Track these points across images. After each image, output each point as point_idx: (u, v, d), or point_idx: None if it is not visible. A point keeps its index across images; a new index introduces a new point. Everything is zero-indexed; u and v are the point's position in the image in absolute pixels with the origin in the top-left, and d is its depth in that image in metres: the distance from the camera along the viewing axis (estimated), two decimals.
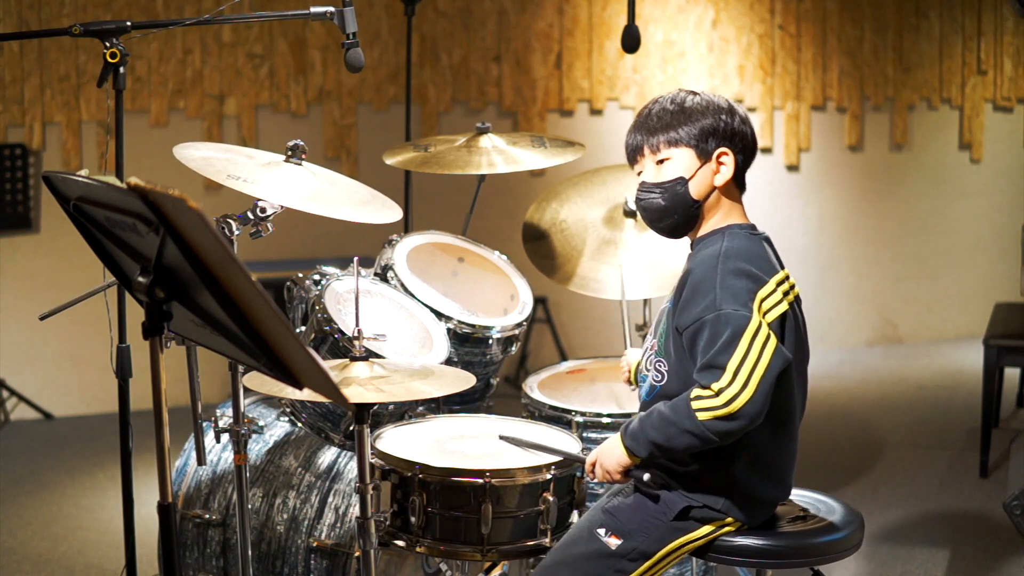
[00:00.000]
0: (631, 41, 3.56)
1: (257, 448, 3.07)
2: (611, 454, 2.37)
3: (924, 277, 7.38)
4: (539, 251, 3.52)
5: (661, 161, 2.40)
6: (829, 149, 7.12)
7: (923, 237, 7.36)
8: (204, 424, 2.76)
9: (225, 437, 2.80)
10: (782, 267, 2.37)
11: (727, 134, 2.37)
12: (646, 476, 2.35)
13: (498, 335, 3.14)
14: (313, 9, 2.94)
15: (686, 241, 2.48)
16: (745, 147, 2.40)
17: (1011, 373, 5.59)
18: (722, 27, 6.77)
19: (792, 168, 7.04)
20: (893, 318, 7.34)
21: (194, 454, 3.11)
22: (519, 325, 3.20)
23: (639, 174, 2.44)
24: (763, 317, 2.24)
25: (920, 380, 6.43)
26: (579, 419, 3.03)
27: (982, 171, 7.40)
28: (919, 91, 7.21)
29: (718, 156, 2.38)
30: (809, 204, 7.11)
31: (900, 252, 7.33)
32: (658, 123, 2.39)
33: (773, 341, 2.22)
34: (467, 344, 3.12)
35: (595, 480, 2.43)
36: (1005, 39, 7.29)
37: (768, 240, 2.42)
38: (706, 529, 2.36)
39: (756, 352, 2.20)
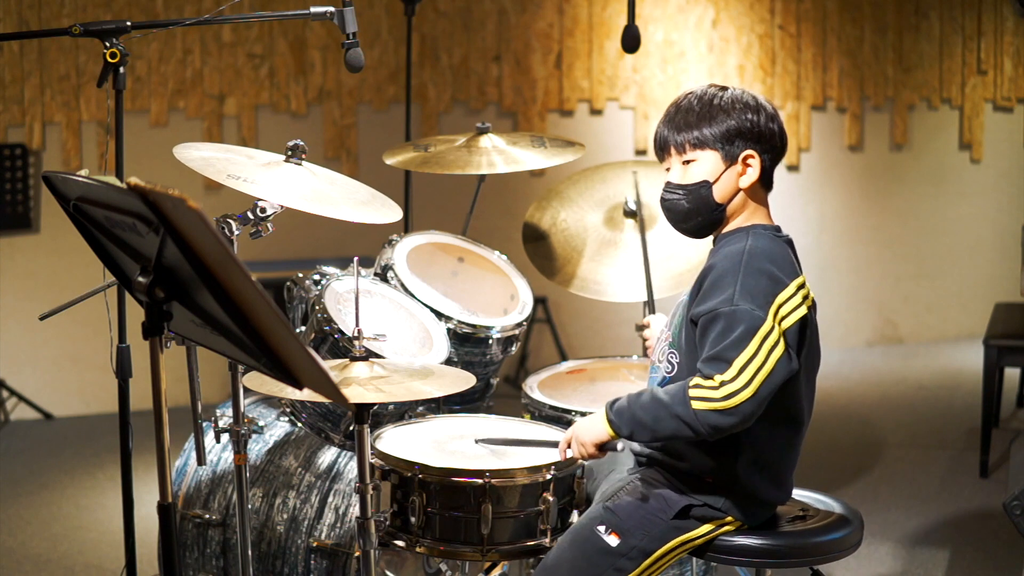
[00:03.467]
0: (631, 41, 3.56)
1: (257, 448, 3.07)
2: (590, 428, 2.37)
3: (924, 277, 7.38)
4: (539, 252, 3.52)
5: (687, 162, 2.39)
6: (829, 149, 7.12)
7: (923, 237, 7.36)
8: (204, 424, 2.76)
9: (225, 437, 2.80)
10: (801, 272, 2.36)
11: (753, 135, 2.36)
12: (619, 445, 2.35)
13: (498, 335, 3.14)
14: (313, 9, 2.94)
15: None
16: (772, 147, 2.38)
17: (1011, 373, 5.59)
18: (722, 27, 6.77)
19: (792, 168, 7.04)
20: (893, 318, 7.34)
21: (194, 454, 3.11)
22: (519, 325, 3.20)
23: (667, 170, 2.43)
24: (778, 323, 2.23)
25: (920, 380, 6.43)
26: (579, 419, 3.02)
27: (982, 171, 7.40)
28: (919, 91, 7.21)
29: (744, 158, 2.36)
30: (809, 204, 7.11)
31: (900, 252, 7.33)
32: (684, 121, 2.38)
33: (781, 348, 2.22)
34: (467, 344, 3.12)
35: (570, 455, 2.43)
36: (1005, 39, 7.29)
37: (790, 243, 2.41)
38: (706, 528, 2.36)
39: (764, 354, 2.20)
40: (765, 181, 2.41)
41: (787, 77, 6.94)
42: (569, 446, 2.43)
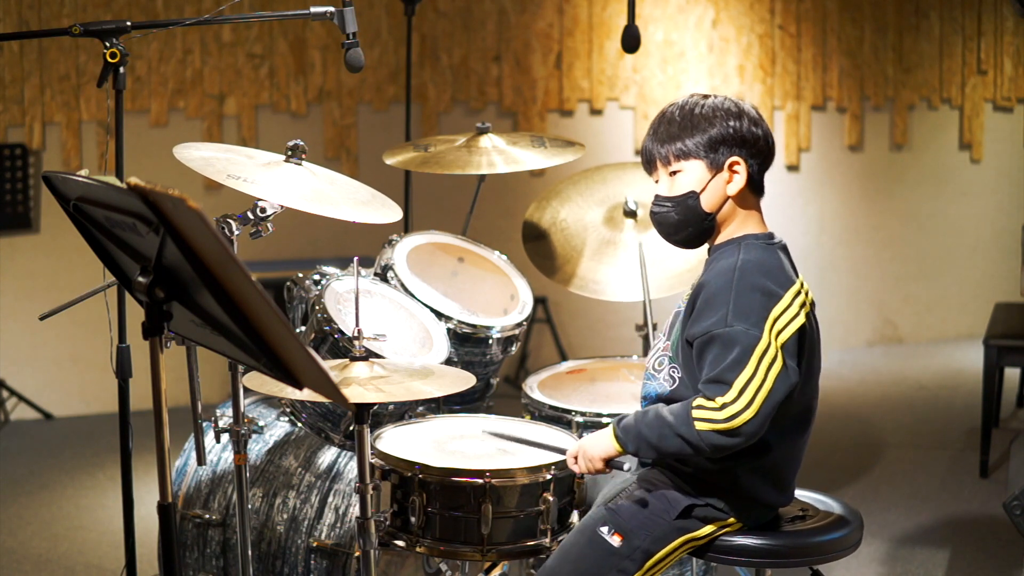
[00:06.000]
0: (631, 41, 3.56)
1: (257, 448, 3.07)
2: (597, 443, 2.38)
3: (924, 277, 7.38)
4: (539, 251, 3.52)
5: (674, 173, 2.38)
6: (829, 149, 7.12)
7: (923, 237, 7.36)
8: (204, 424, 2.76)
9: (225, 437, 2.80)
10: (797, 275, 2.36)
11: (737, 141, 2.34)
12: (626, 465, 2.36)
13: (498, 335, 3.14)
14: (313, 9, 2.94)
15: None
16: (758, 152, 2.37)
17: (1011, 373, 5.59)
18: (722, 27, 6.77)
19: (792, 168, 7.04)
20: (893, 318, 7.34)
21: (194, 454, 3.11)
22: (519, 325, 3.20)
23: (656, 183, 2.43)
24: (775, 337, 2.23)
25: (920, 380, 6.43)
26: (579, 419, 3.03)
27: (982, 171, 7.40)
28: (919, 91, 7.21)
29: (730, 165, 2.35)
30: (809, 204, 7.11)
31: (900, 252, 7.33)
32: (667, 133, 2.38)
33: (779, 364, 2.22)
34: (467, 344, 3.12)
35: (577, 471, 2.43)
36: (1005, 39, 7.29)
37: (784, 248, 2.40)
38: (708, 528, 2.37)
39: (763, 373, 2.20)
40: (754, 187, 2.40)
41: (787, 77, 6.94)
42: (577, 460, 2.43)
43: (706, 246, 2.45)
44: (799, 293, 2.31)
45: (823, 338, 2.44)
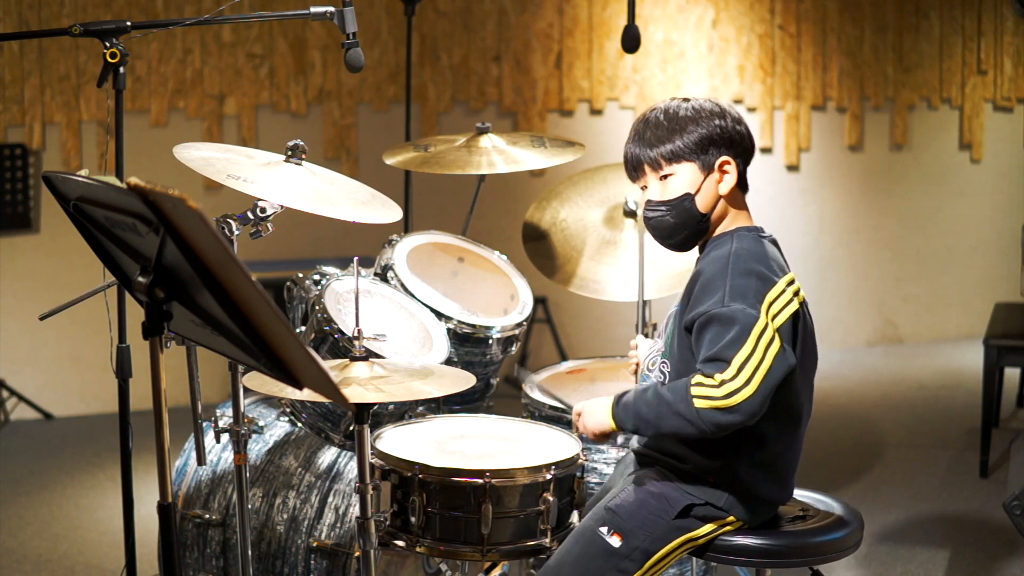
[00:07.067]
0: (631, 41, 3.56)
1: (257, 448, 3.07)
2: (595, 415, 2.38)
3: (924, 277, 7.38)
4: (539, 251, 3.52)
5: (664, 177, 2.39)
6: (829, 149, 7.12)
7: (923, 237, 7.36)
8: (204, 424, 2.76)
9: (225, 437, 2.80)
10: (788, 269, 2.37)
11: (725, 140, 2.37)
12: (619, 439, 2.37)
13: (498, 335, 3.14)
14: (313, 9, 2.94)
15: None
16: (744, 150, 2.41)
17: (1011, 373, 5.59)
18: (722, 27, 6.77)
19: (792, 168, 7.03)
20: (893, 318, 7.34)
21: (194, 454, 3.11)
22: (519, 325, 3.20)
23: (643, 189, 2.44)
24: (771, 320, 2.24)
25: (920, 380, 6.43)
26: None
27: (982, 171, 7.40)
28: (919, 91, 7.21)
29: (721, 165, 2.38)
30: (809, 204, 7.11)
31: (900, 252, 7.33)
32: (655, 137, 2.39)
33: (777, 344, 2.22)
34: (467, 344, 3.12)
35: (578, 431, 2.44)
36: (1005, 39, 7.29)
37: (775, 242, 2.42)
38: (708, 528, 2.37)
39: (761, 351, 2.20)
40: (742, 185, 2.43)
41: (787, 77, 6.94)
42: (580, 418, 2.44)
43: (697, 247, 2.47)
44: (791, 283, 2.33)
45: (823, 338, 2.44)
